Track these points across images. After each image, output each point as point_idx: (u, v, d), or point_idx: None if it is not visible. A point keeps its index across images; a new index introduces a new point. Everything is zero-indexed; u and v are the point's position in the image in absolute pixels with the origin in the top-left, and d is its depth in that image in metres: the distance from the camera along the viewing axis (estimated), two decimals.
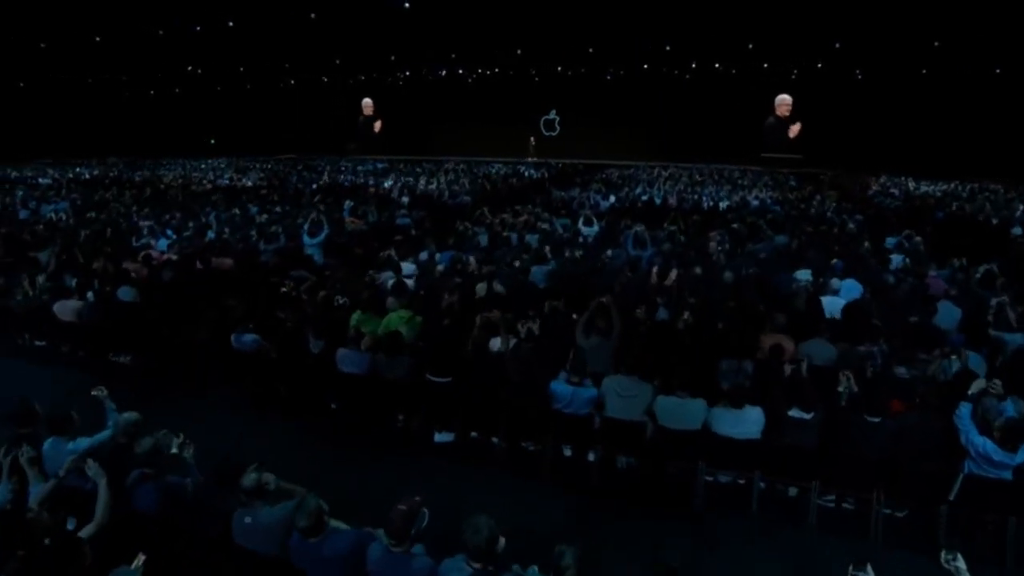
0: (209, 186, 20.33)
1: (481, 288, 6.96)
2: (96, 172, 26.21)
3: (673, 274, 7.92)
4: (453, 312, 5.62)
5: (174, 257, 8.99)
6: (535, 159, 32.10)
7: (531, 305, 6.43)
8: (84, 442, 3.76)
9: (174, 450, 3.90)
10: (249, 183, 21.63)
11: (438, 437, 5.27)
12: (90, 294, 6.73)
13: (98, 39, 24.09)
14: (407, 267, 8.58)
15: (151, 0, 20.18)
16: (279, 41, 27.27)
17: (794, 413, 4.06)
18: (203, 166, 28.99)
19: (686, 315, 5.51)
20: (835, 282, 6.92)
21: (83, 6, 20.86)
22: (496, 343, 5.36)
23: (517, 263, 8.41)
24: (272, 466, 5.11)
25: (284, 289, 6.33)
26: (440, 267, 7.75)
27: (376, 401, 5.30)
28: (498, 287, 7.03)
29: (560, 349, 5.21)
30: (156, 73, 33.01)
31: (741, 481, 4.57)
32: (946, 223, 13.03)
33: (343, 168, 26.90)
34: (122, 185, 20.37)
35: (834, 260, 8.30)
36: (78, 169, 27.36)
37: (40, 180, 23.28)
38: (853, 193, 19.53)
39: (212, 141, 42.46)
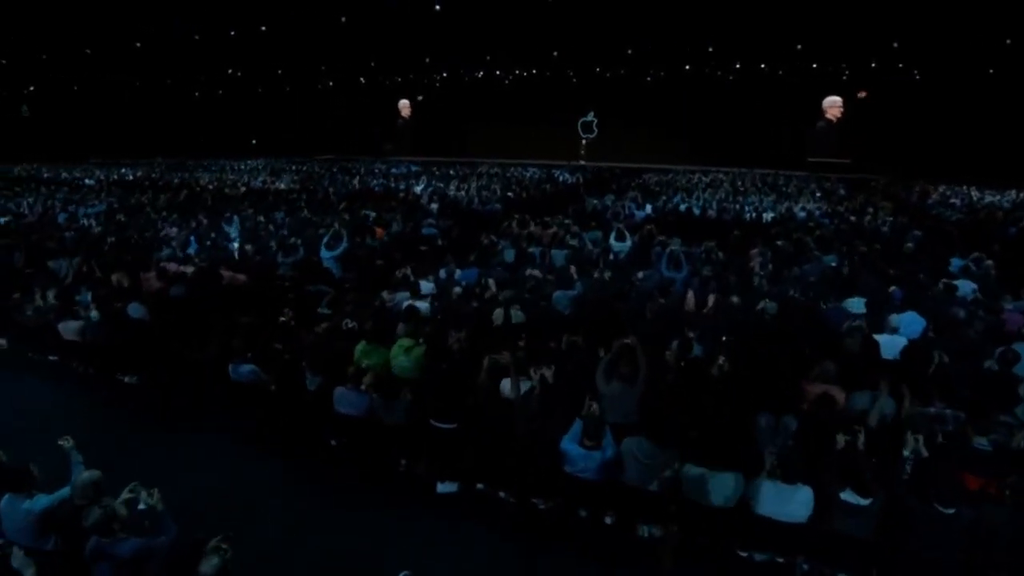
0: (243, 189, 20.42)
1: (497, 315, 6.46)
2: (139, 173, 26.80)
3: (710, 300, 7.27)
4: (461, 350, 5.13)
5: (188, 271, 8.79)
6: (584, 163, 31.50)
7: (551, 336, 5.91)
8: (42, 500, 3.43)
9: (142, 505, 3.54)
10: (282, 186, 21.69)
11: (441, 487, 4.80)
12: (94, 313, 6.50)
13: (138, 44, 24.58)
14: (426, 286, 8.16)
15: (184, 5, 20.39)
16: (315, 44, 27.40)
17: (847, 497, 3.42)
18: (239, 167, 29.34)
19: (721, 360, 4.88)
20: (894, 318, 6.12)
21: (123, 13, 21.28)
22: (507, 385, 4.85)
23: (539, 278, 7.89)
24: (264, 509, 4.80)
25: (283, 318, 5.97)
26: (457, 289, 7.27)
27: (375, 446, 4.87)
28: (517, 315, 6.52)
29: (578, 394, 4.68)
30: (199, 76, 33.71)
31: (780, 559, 3.97)
32: (1018, 241, 11.82)
33: (377, 171, 26.82)
34: (159, 188, 20.66)
35: (892, 287, 7.49)
36: (123, 170, 28.06)
37: (86, 181, 23.91)
38: (909, 203, 18.25)
39: (254, 142, 43.31)
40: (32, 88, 36.48)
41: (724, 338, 5.93)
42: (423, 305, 7.08)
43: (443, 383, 4.72)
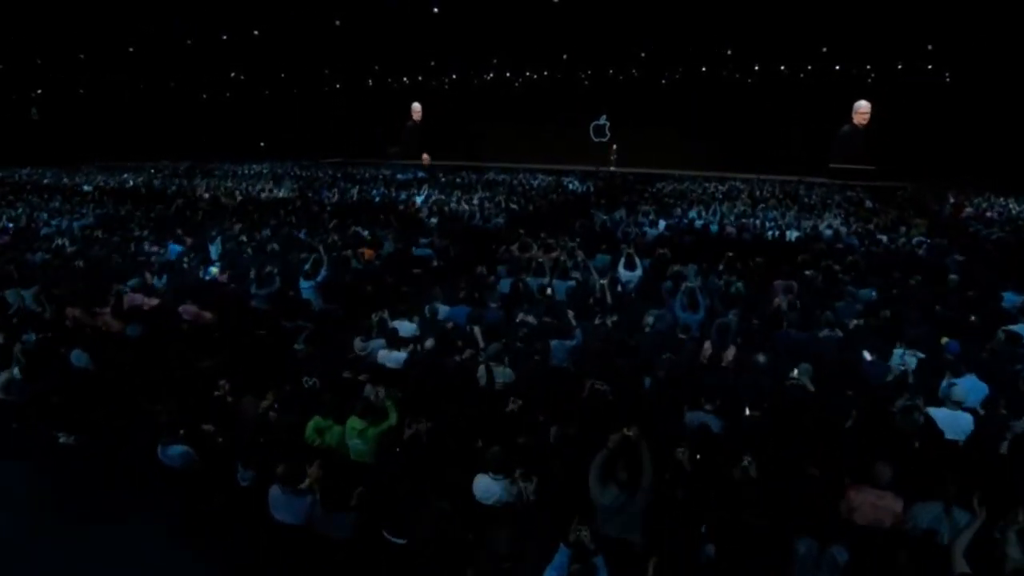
0: (240, 198, 19.68)
1: (481, 374, 5.55)
2: (140, 179, 26.18)
3: (730, 353, 6.30)
4: (420, 446, 4.20)
5: (154, 303, 7.98)
6: (613, 168, 30.53)
7: (541, 405, 4.99)
8: None
9: None
10: (281, 194, 20.94)
11: None
12: (16, 369, 5.68)
13: (145, 47, 24.03)
14: (407, 327, 7.23)
15: (193, 8, 19.74)
16: (322, 47, 26.71)
17: None
18: (242, 172, 28.65)
19: (746, 461, 3.90)
20: (956, 389, 5.04)
21: (130, 16, 20.72)
22: (481, 484, 3.94)
23: (532, 325, 6.99)
24: None
25: (217, 392, 5.09)
26: (429, 343, 6.32)
27: (317, 560, 3.97)
28: (504, 372, 5.60)
29: (567, 506, 3.75)
30: (204, 79, 33.18)
31: None
32: None
33: (381, 177, 25.97)
34: (155, 196, 20.01)
35: (944, 339, 6.44)
36: (125, 175, 27.48)
37: (84, 187, 23.32)
38: (943, 218, 17.02)
39: (262, 144, 42.75)
40: (40, 91, 36.24)
41: (748, 412, 4.97)
42: (399, 356, 6.20)
43: (398, 488, 3.81)
